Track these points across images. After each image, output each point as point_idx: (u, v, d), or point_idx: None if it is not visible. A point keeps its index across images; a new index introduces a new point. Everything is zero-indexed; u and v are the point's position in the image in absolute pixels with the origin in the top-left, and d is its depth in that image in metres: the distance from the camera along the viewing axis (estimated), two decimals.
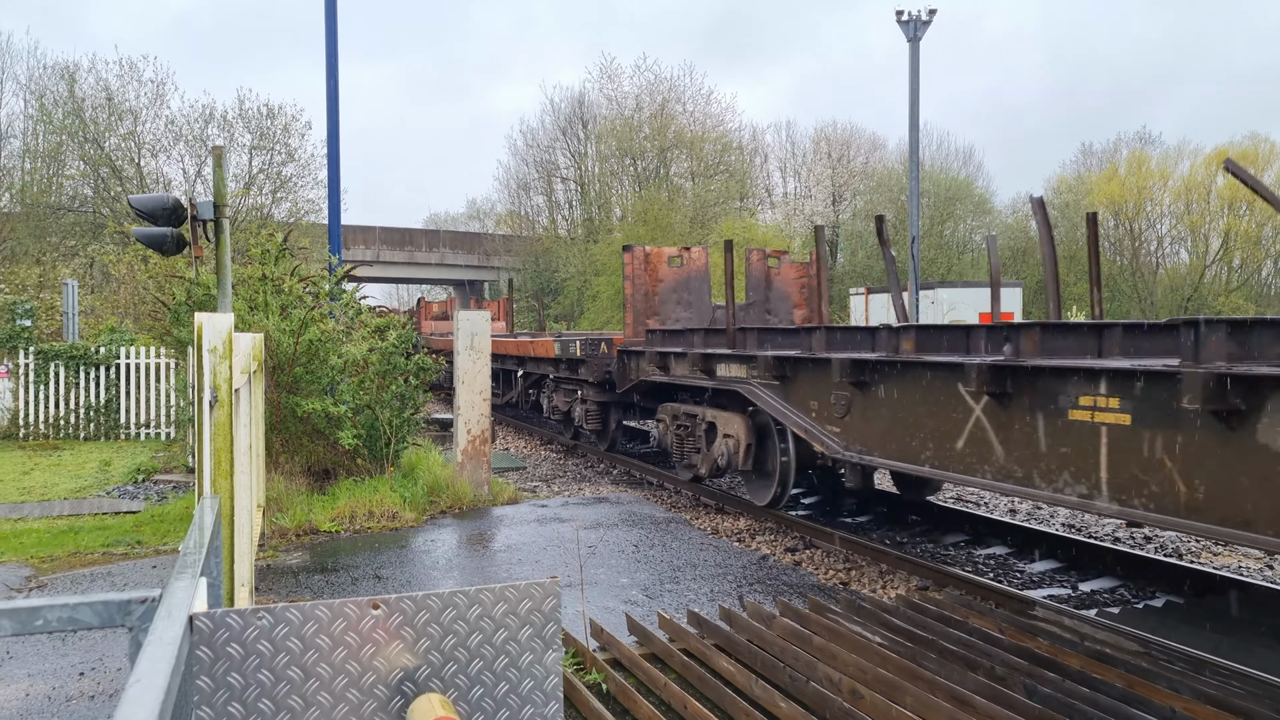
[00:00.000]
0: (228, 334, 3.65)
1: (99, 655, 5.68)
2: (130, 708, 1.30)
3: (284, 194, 38.71)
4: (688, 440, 10.78)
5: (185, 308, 12.82)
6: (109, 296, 27.06)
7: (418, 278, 66.77)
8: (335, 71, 13.68)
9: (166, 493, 11.27)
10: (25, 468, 13.22)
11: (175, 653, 1.55)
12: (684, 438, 10.86)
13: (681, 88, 53.18)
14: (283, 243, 11.71)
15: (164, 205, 9.19)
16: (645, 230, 42.29)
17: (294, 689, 1.97)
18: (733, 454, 9.68)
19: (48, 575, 7.57)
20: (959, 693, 4.56)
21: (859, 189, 55.70)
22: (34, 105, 40.88)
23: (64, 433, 16.29)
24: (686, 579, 7.43)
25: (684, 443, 10.85)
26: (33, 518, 9.83)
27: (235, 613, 1.94)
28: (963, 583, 7.04)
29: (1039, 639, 5.58)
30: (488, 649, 2.10)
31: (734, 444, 9.65)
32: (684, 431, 10.85)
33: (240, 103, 39.12)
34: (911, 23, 28.34)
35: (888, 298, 34.34)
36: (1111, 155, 54.54)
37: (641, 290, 12.36)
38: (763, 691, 4.79)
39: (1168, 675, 4.86)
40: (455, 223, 75.57)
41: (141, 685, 1.39)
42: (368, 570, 7.73)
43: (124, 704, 1.32)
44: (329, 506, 9.58)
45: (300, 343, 10.34)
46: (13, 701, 4.99)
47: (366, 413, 10.75)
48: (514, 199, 59.63)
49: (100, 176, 38.69)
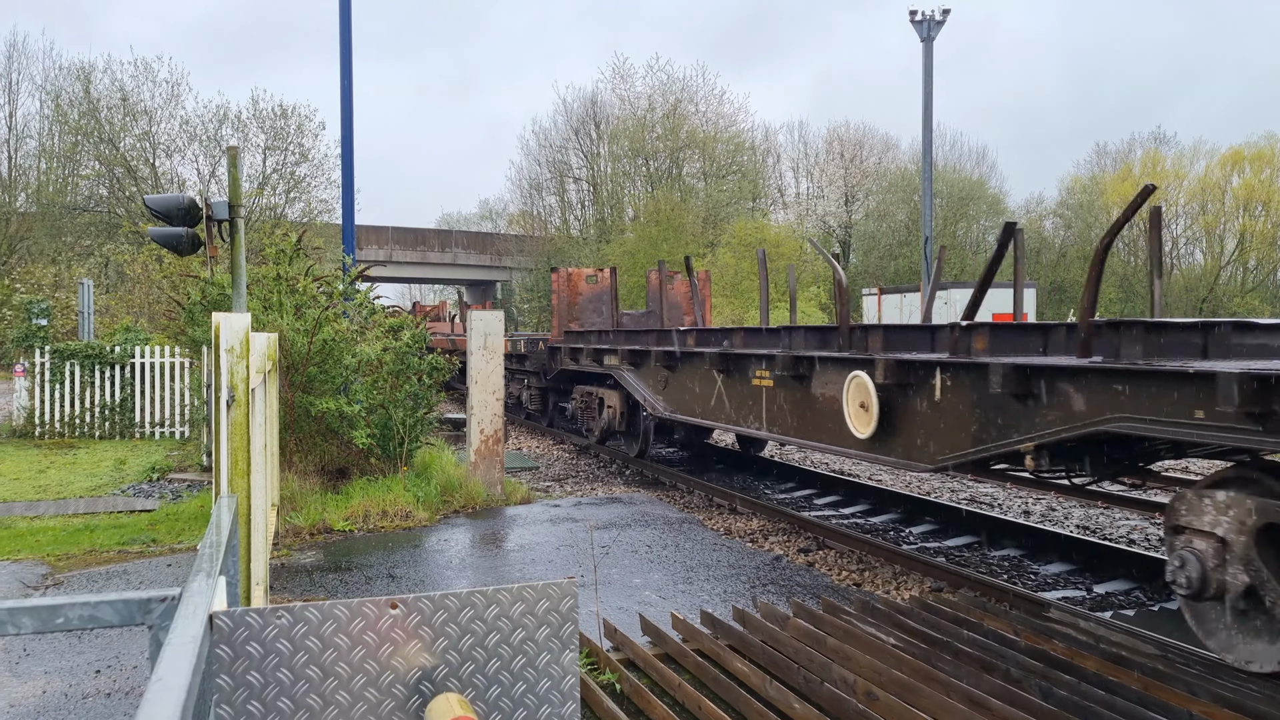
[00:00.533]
0: (244, 334, 3.66)
1: (115, 653, 5.71)
2: (152, 707, 1.31)
3: (297, 194, 38.90)
4: (588, 412, 14.46)
5: (200, 307, 12.87)
6: (124, 296, 27.20)
7: (430, 278, 67.00)
8: (349, 72, 13.71)
9: (181, 491, 11.32)
10: (41, 466, 13.29)
11: (196, 651, 1.55)
12: (585, 411, 14.56)
13: (694, 88, 53.22)
14: (297, 243, 11.74)
15: (179, 205, 9.23)
16: (658, 230, 42.26)
17: (313, 687, 1.97)
18: (613, 420, 13.33)
19: (64, 573, 7.61)
20: (975, 695, 4.54)
21: (871, 189, 55.61)
22: (50, 105, 41.10)
23: (79, 431, 16.37)
24: (700, 579, 7.43)
25: (586, 414, 14.56)
26: (48, 516, 9.89)
27: (254, 611, 1.95)
28: (977, 584, 7.02)
29: (1054, 641, 5.55)
30: (505, 649, 2.10)
31: (613, 413, 13.31)
32: (586, 406, 14.53)
33: (254, 103, 39.33)
34: (925, 23, 28.28)
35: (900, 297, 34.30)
36: (1126, 156, 54.37)
37: (565, 301, 16.08)
38: (777, 693, 4.78)
39: (1185, 678, 4.83)
40: (468, 223, 75.74)
41: (163, 684, 1.39)
42: (381, 569, 7.75)
43: (146, 703, 1.32)
44: (343, 506, 9.60)
45: (314, 342, 10.36)
46: (30, 699, 5.01)
47: (380, 412, 10.78)
48: (526, 199, 59.75)
49: (115, 176, 38.89)
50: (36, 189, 41.00)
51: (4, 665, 5.51)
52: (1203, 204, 49.90)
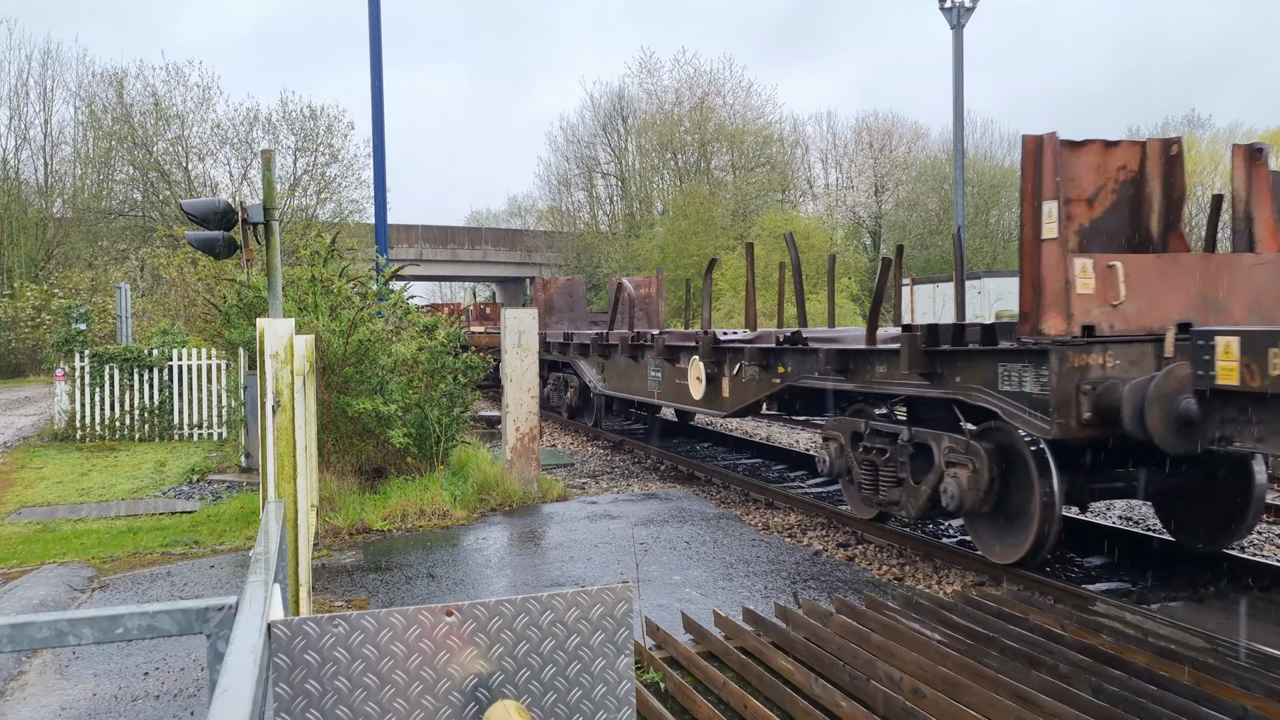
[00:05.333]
0: (289, 339, 3.68)
1: (162, 655, 5.76)
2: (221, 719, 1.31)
3: (328, 194, 39.14)
4: (557, 394, 18.37)
5: (236, 310, 12.97)
6: (160, 299, 27.49)
7: (460, 275, 67.20)
8: (379, 73, 13.76)
9: (220, 492, 11.43)
10: (83, 469, 13.47)
11: (258, 662, 1.56)
12: (555, 392, 18.47)
13: (721, 80, 53.09)
14: (331, 244, 11.81)
15: (215, 209, 9.29)
16: (687, 224, 42.18)
17: (370, 695, 1.97)
18: (574, 399, 17.34)
19: (109, 575, 7.70)
20: (1023, 691, 4.49)
21: (901, 179, 55.20)
22: (84, 112, 41.57)
23: (119, 434, 16.56)
24: (739, 576, 7.41)
25: (556, 395, 18.42)
26: (92, 518, 10.01)
27: (312, 620, 1.95)
28: (1020, 578, 6.95)
29: (1102, 635, 5.49)
30: (560, 654, 2.10)
31: (573, 394, 17.37)
32: (556, 389, 18.43)
33: (284, 105, 39.59)
34: (954, 9, 28.01)
35: (933, 288, 34.00)
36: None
37: (543, 305, 20.66)
38: (822, 690, 4.75)
39: (1237, 672, 4.76)
40: (496, 220, 75.85)
41: (228, 695, 1.39)
42: (421, 569, 7.78)
43: (214, 714, 1.33)
44: (380, 505, 9.65)
45: (350, 343, 10.42)
46: (81, 701, 5.08)
47: (416, 411, 10.82)
48: (555, 195, 59.85)
49: (149, 181, 39.31)
50: (72, 194, 41.52)
51: (54, 668, 5.58)
52: None
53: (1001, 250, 50.38)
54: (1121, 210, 7.24)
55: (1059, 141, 6.64)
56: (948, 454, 7.20)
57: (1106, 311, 6.43)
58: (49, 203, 41.58)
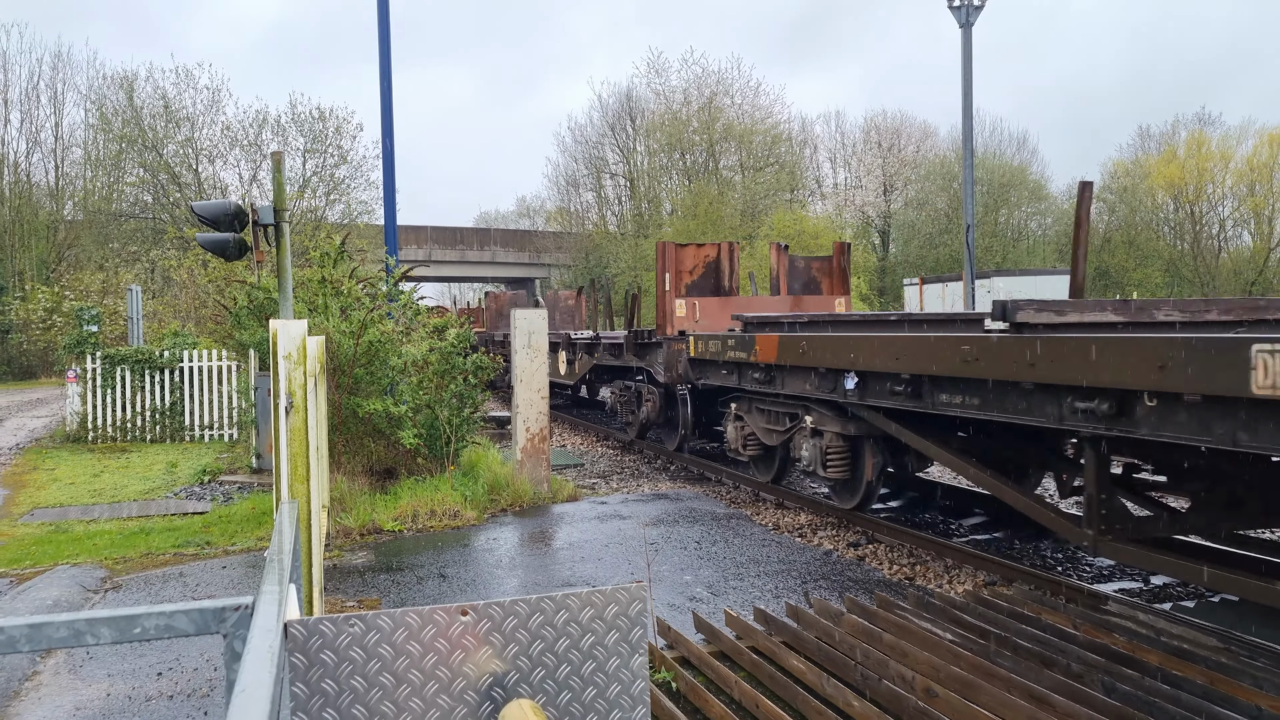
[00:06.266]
0: (302, 340, 3.69)
1: (175, 655, 5.79)
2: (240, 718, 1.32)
3: (337, 196, 39.23)
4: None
5: (246, 311, 13.01)
6: (170, 301, 27.57)
7: (469, 276, 67.34)
8: (389, 75, 13.79)
9: (232, 493, 11.46)
10: (95, 470, 13.52)
11: (275, 662, 1.56)
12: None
13: (729, 80, 53.05)
14: (341, 245, 11.83)
15: (226, 211, 9.32)
16: (695, 224, 42.18)
17: (386, 695, 1.98)
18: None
19: (122, 576, 7.73)
20: (1036, 691, 4.48)
21: (910, 178, 55.13)
22: (94, 115, 41.73)
23: (131, 435, 16.62)
24: (750, 575, 7.41)
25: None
26: (104, 519, 10.05)
27: (328, 619, 1.96)
28: (1031, 577, 6.93)
29: (1114, 635, 5.47)
30: (575, 654, 2.10)
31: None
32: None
33: (293, 107, 39.70)
34: (963, 8, 27.94)
35: (942, 287, 33.95)
36: (1170, 138, 53.41)
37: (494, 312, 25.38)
38: (834, 690, 4.75)
39: (1251, 671, 4.74)
40: (505, 221, 76.05)
41: (247, 695, 1.40)
42: (432, 569, 7.80)
43: (233, 714, 1.33)
44: (391, 506, 9.67)
45: (360, 344, 10.44)
46: (95, 701, 5.10)
47: (426, 412, 10.84)
48: (563, 196, 59.91)
49: (159, 183, 39.45)
50: (83, 197, 41.73)
51: (68, 668, 5.60)
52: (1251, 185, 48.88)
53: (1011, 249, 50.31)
54: (708, 277, 13.82)
55: (674, 245, 13.75)
56: (647, 396, 13.93)
57: (692, 325, 13.15)
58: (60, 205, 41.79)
